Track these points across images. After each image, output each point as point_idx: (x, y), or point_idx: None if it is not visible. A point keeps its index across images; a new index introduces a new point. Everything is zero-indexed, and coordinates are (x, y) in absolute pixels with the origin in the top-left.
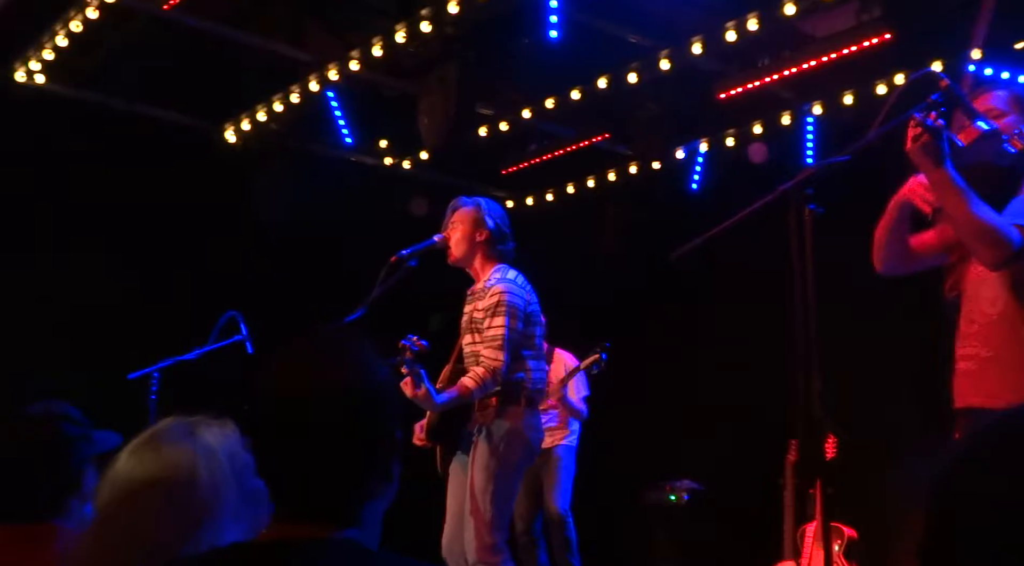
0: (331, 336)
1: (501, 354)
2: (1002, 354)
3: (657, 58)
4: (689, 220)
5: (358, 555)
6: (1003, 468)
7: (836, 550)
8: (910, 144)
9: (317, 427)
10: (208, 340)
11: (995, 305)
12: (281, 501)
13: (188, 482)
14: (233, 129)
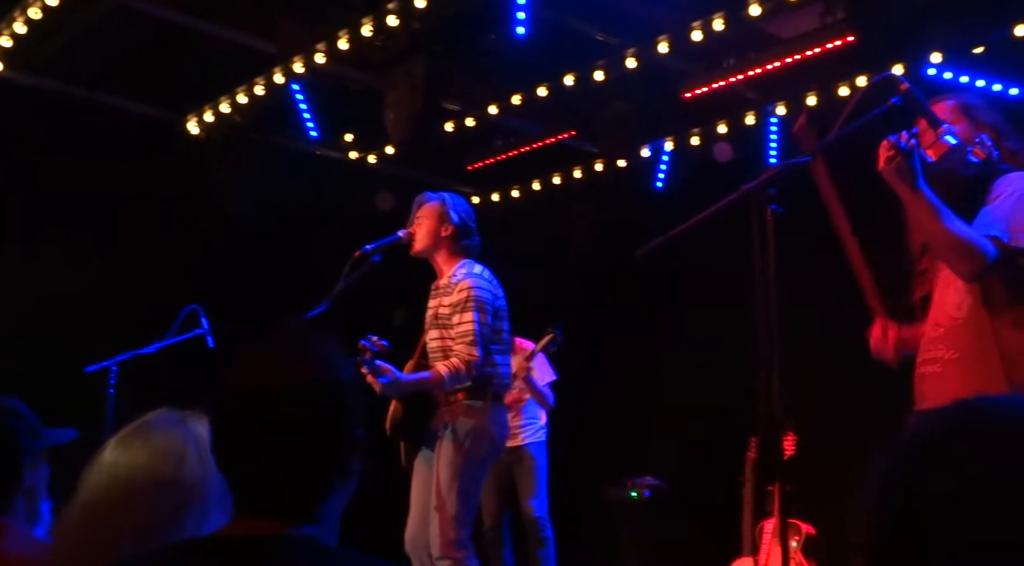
0: (295, 332)
1: (475, 349)
2: (966, 357)
3: (624, 56)
4: (654, 218)
5: (316, 552)
6: (946, 466)
7: (794, 546)
8: (883, 164)
9: (279, 423)
10: (168, 334)
11: (960, 309)
12: (241, 496)
13: (176, 470)
14: (196, 120)
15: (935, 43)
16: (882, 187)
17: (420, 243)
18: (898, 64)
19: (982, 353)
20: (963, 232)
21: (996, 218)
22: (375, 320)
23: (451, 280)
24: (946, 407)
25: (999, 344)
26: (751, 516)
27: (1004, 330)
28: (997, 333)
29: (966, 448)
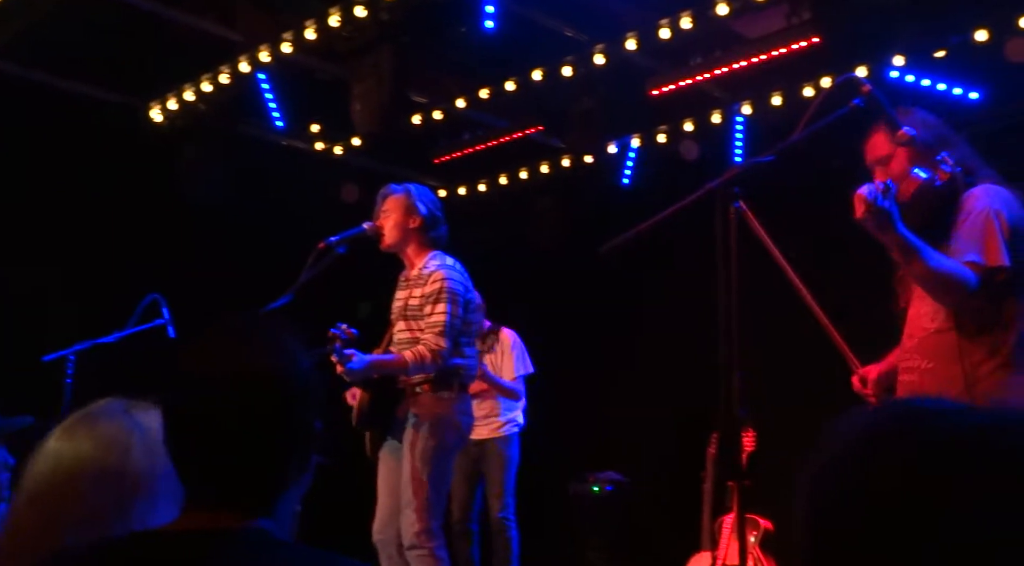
0: (253, 322)
1: (444, 341)
2: (939, 366)
3: (592, 53)
4: (620, 215)
5: (271, 546)
6: (870, 470)
7: (752, 541)
8: (860, 215)
9: (233, 414)
10: (128, 323)
11: (934, 320)
12: (193, 489)
13: (121, 460)
14: (159, 108)
15: (898, 46)
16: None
17: (389, 237)
18: (862, 66)
19: (954, 363)
20: (945, 267)
21: (969, 241)
22: (339, 312)
23: (422, 271)
24: (869, 411)
25: (963, 357)
26: (710, 511)
27: (968, 343)
28: (962, 346)
29: (883, 452)
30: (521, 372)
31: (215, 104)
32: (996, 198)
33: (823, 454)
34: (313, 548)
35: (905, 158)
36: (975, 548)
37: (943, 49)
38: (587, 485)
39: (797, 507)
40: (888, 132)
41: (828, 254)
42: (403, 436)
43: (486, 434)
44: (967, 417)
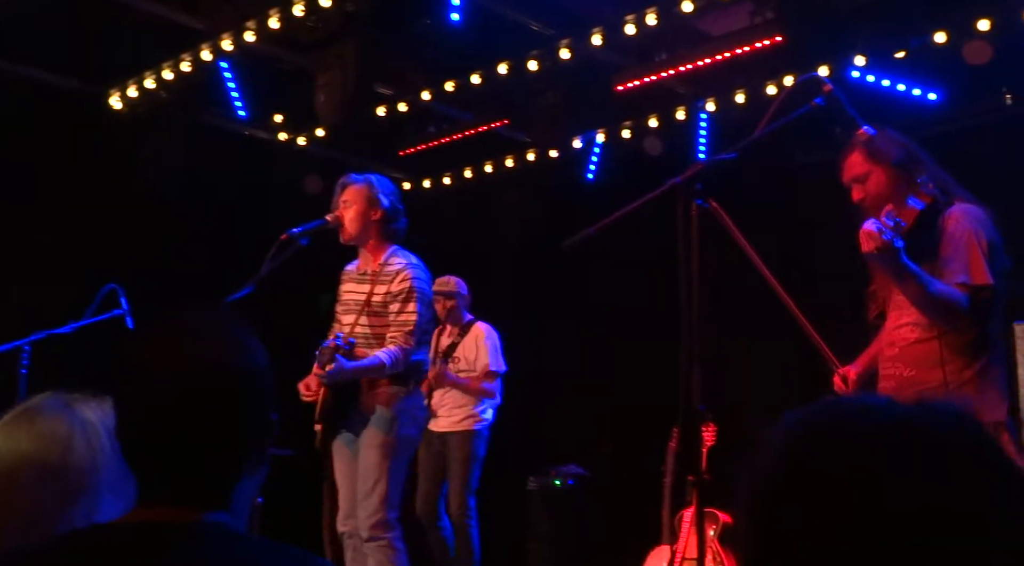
0: (208, 315)
1: (412, 340)
2: (920, 374)
3: (557, 47)
4: (584, 209)
5: (227, 539)
6: (801, 468)
7: (711, 535)
8: (867, 250)
9: (188, 408)
10: (86, 314)
11: (914, 330)
12: (148, 482)
13: (62, 456)
14: (119, 95)
15: (859, 47)
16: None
17: (351, 228)
18: (823, 66)
19: (935, 370)
20: (944, 293)
21: (956, 262)
22: (300, 304)
23: (385, 267)
24: (799, 413)
25: (944, 364)
26: (671, 505)
27: (950, 352)
28: (944, 354)
29: (812, 453)
30: (494, 367)
31: (176, 92)
32: (974, 219)
33: (758, 457)
34: (269, 540)
35: (883, 176)
36: (910, 535)
37: (903, 50)
38: (549, 479)
39: (736, 511)
40: (864, 150)
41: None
42: (360, 429)
43: (448, 427)
44: (892, 410)
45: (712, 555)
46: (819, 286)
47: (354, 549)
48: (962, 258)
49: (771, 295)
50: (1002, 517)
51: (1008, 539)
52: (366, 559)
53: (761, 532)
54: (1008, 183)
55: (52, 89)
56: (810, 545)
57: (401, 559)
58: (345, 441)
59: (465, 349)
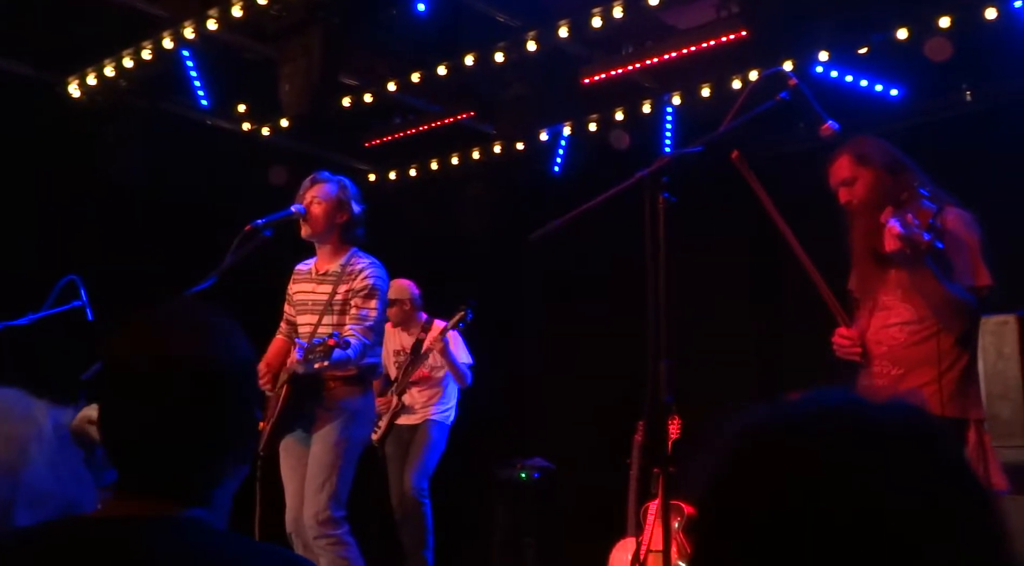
0: (193, 307)
1: (372, 335)
2: (910, 373)
3: (524, 39)
4: (550, 202)
5: (206, 534)
6: (757, 479)
7: (675, 527)
8: (893, 247)
9: (170, 400)
10: (44, 305)
11: (903, 331)
12: (127, 475)
13: (7, 445)
14: (78, 83)
15: (823, 42)
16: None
17: (315, 227)
18: (788, 60)
19: (924, 368)
20: (959, 294)
21: (962, 266)
22: (263, 296)
23: (347, 268)
24: (757, 417)
25: (938, 362)
26: (636, 497)
27: (943, 351)
28: (939, 353)
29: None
30: (466, 360)
31: (137, 80)
32: (969, 222)
33: (707, 455)
34: (248, 538)
35: (871, 180)
36: (855, 531)
37: (866, 46)
38: (514, 471)
39: (695, 511)
40: (851, 155)
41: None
42: (313, 428)
43: (418, 419)
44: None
45: (677, 547)
46: (786, 280)
47: (305, 547)
48: (967, 261)
49: (738, 288)
50: (950, 514)
51: (956, 536)
52: (318, 559)
53: (710, 529)
54: (969, 179)
55: (7, 76)
56: (754, 544)
57: (352, 553)
58: (297, 439)
59: (432, 344)
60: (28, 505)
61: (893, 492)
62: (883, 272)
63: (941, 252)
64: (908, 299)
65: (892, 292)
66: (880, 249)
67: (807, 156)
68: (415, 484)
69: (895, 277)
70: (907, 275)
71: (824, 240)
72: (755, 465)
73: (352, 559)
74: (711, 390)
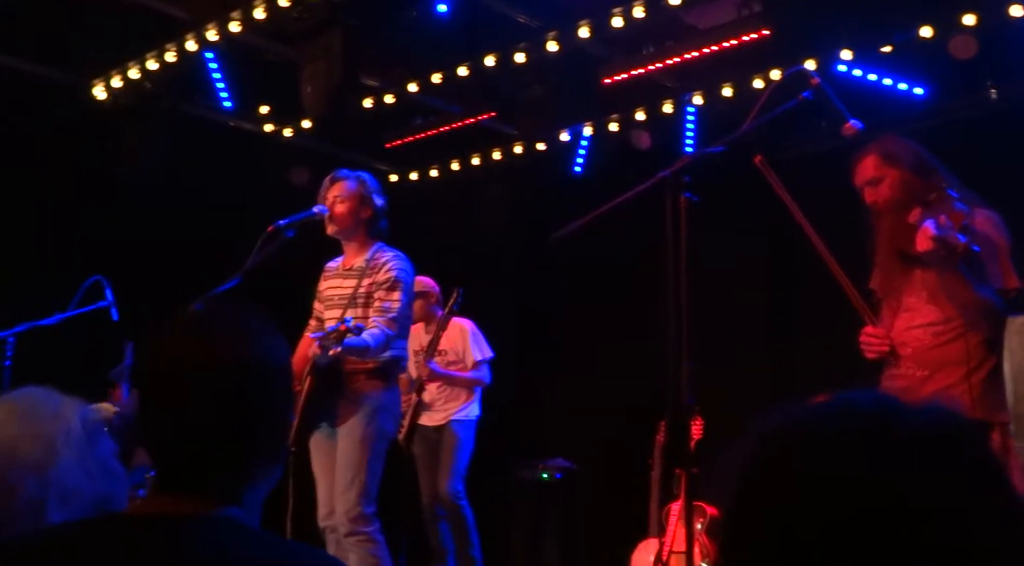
0: (231, 308)
1: (395, 326)
2: (936, 375)
3: (545, 39)
4: (572, 203)
5: (239, 533)
6: (787, 481)
7: (699, 528)
8: (925, 247)
9: (207, 399)
10: (71, 305)
11: (927, 332)
12: (164, 472)
13: (31, 452)
14: (103, 85)
15: (845, 41)
16: None
17: (340, 223)
18: (810, 59)
19: (950, 370)
20: (987, 297)
21: (991, 269)
22: (287, 296)
23: (371, 262)
24: (789, 412)
25: (968, 362)
26: (658, 498)
27: (971, 352)
28: (968, 354)
29: (794, 455)
30: (479, 357)
31: (161, 82)
32: (997, 224)
33: (735, 455)
34: (280, 537)
35: (897, 180)
36: (886, 535)
37: (889, 45)
38: (536, 472)
39: (720, 508)
40: (878, 155)
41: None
42: (339, 423)
43: (442, 420)
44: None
45: (700, 548)
46: (806, 281)
47: (336, 543)
48: (996, 264)
49: (758, 288)
50: (983, 517)
51: (990, 540)
52: (348, 555)
53: (736, 532)
54: (994, 178)
55: (32, 78)
56: (783, 548)
57: (382, 551)
58: (324, 435)
59: (451, 341)
60: (60, 503)
61: (927, 496)
62: (908, 272)
63: (975, 255)
64: (934, 300)
65: (917, 293)
66: (907, 249)
67: (829, 156)
68: (450, 489)
69: (920, 278)
70: (935, 276)
71: (847, 240)
72: (785, 467)
73: (382, 558)
74: (732, 390)
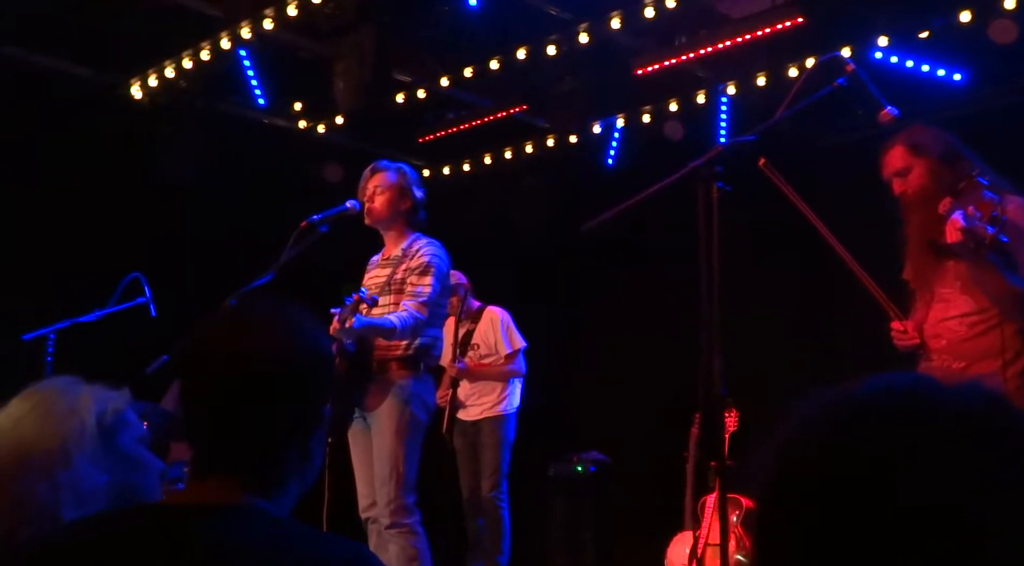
0: (270, 301)
1: (425, 310)
2: (971, 366)
3: (576, 32)
4: (605, 195)
5: (268, 521)
6: (826, 467)
7: (734, 521)
8: (955, 239)
9: (242, 389)
10: (109, 302)
11: (962, 324)
12: (200, 461)
13: (48, 443)
14: (139, 84)
15: (881, 27)
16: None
17: (379, 213)
18: (845, 47)
19: (986, 361)
20: (1021, 286)
21: (1020, 258)
22: (321, 291)
23: (406, 251)
24: (833, 398)
25: (1001, 354)
26: (693, 491)
27: (1005, 343)
28: (1003, 345)
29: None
30: (511, 348)
31: (196, 81)
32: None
33: (778, 437)
34: (310, 527)
35: (925, 170)
36: (941, 526)
37: (927, 30)
38: (570, 465)
39: (753, 492)
40: (905, 145)
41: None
42: (364, 406)
43: (479, 414)
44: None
45: (736, 540)
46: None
47: (377, 534)
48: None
49: (792, 278)
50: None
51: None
52: (388, 545)
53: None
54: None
55: (69, 78)
56: (822, 536)
57: (422, 543)
58: (361, 427)
59: (482, 334)
60: (74, 505)
61: (969, 481)
62: (940, 264)
63: (1005, 245)
64: (967, 291)
65: (950, 284)
66: (938, 240)
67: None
68: (492, 490)
69: (953, 269)
70: (967, 268)
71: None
72: (824, 453)
73: (421, 550)
74: (768, 382)
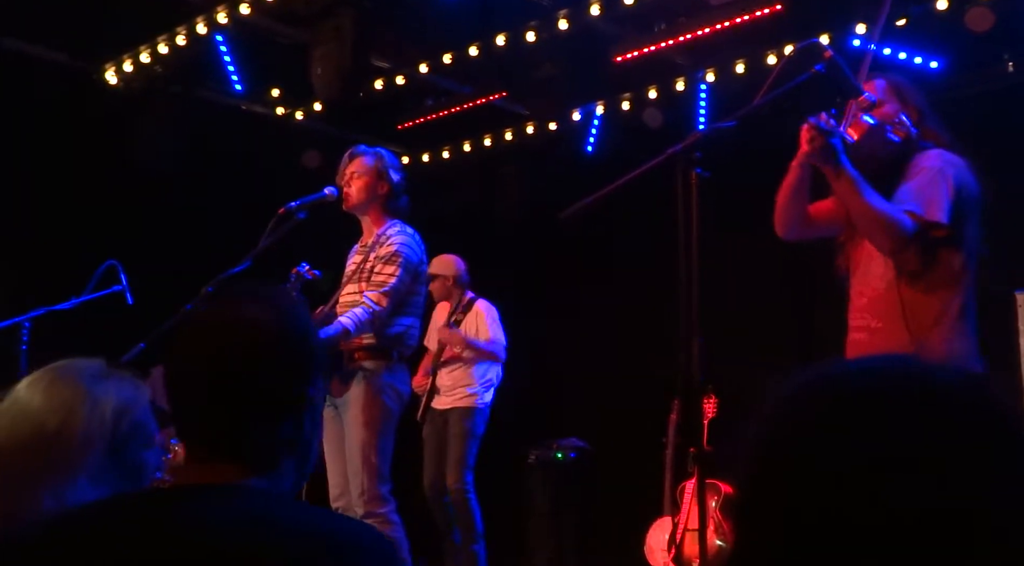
0: (274, 289)
1: (386, 301)
2: (890, 325)
3: (556, 18)
4: (584, 182)
5: (265, 500)
6: (807, 447)
7: (712, 506)
8: (806, 146)
9: (229, 368)
10: (85, 290)
11: (882, 280)
12: (192, 443)
13: (58, 426)
14: (114, 70)
15: (860, 15)
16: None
17: (355, 198)
18: (824, 34)
19: (904, 321)
20: (884, 208)
21: (913, 193)
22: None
23: (378, 238)
24: (809, 373)
25: (908, 318)
26: (672, 477)
27: (915, 302)
28: (908, 304)
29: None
30: (499, 337)
31: (172, 66)
32: (950, 163)
33: (756, 419)
34: (309, 504)
35: (892, 113)
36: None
37: (904, 18)
38: (550, 452)
39: (736, 475)
40: (890, 82)
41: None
42: (341, 402)
43: (449, 403)
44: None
45: (714, 526)
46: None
47: None
48: (922, 190)
49: (772, 263)
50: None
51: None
52: None
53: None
54: (1011, 152)
55: (43, 63)
56: (806, 522)
57: (398, 532)
58: (332, 415)
59: (467, 326)
60: (90, 479)
61: (969, 481)
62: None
63: (853, 148)
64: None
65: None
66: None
67: None
68: (456, 482)
69: None
70: (828, 178)
71: None
72: (804, 426)
73: (398, 539)
74: (748, 368)
